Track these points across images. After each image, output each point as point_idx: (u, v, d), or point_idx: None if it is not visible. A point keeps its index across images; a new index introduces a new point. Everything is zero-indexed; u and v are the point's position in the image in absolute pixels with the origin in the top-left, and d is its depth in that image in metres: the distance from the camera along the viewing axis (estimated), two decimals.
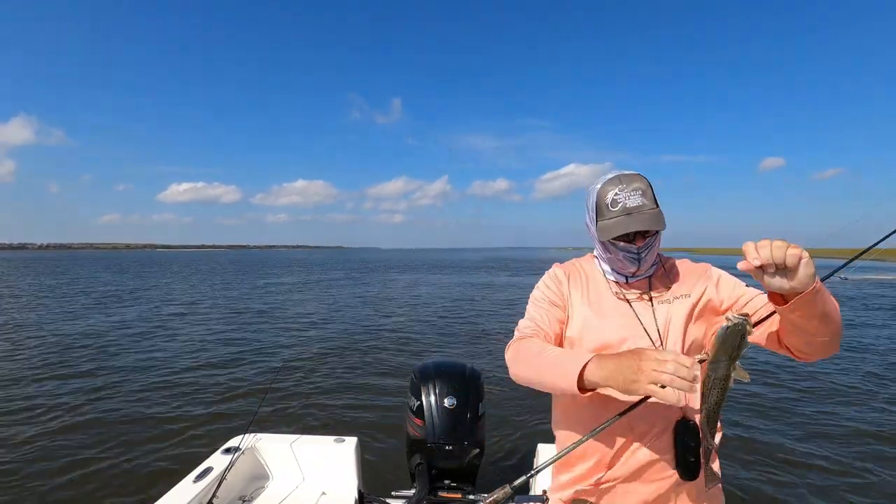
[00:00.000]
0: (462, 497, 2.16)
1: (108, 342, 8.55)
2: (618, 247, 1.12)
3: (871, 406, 5.21)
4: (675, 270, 1.22)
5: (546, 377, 1.00)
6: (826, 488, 3.47)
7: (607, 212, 1.10)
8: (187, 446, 4.13)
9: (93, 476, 3.62)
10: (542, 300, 1.22)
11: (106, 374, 6.42)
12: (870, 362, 7.12)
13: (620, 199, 1.08)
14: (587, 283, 1.22)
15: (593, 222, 1.16)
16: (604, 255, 1.20)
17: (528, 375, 1.06)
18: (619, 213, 1.08)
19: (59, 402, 5.26)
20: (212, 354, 7.63)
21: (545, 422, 4.63)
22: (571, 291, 1.21)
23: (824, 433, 4.45)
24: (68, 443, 4.20)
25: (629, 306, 1.16)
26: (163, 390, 5.70)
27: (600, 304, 1.18)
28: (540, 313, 1.19)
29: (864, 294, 16.88)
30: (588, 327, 1.15)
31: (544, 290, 1.24)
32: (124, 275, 29.83)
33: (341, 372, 6.57)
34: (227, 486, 2.00)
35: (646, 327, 1.12)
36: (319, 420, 4.79)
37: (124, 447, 4.11)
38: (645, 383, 0.81)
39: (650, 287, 1.18)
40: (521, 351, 1.09)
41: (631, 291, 1.18)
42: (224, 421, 4.71)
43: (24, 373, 6.45)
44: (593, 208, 1.14)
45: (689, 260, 1.28)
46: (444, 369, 2.35)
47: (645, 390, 0.82)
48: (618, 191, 1.09)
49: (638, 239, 1.10)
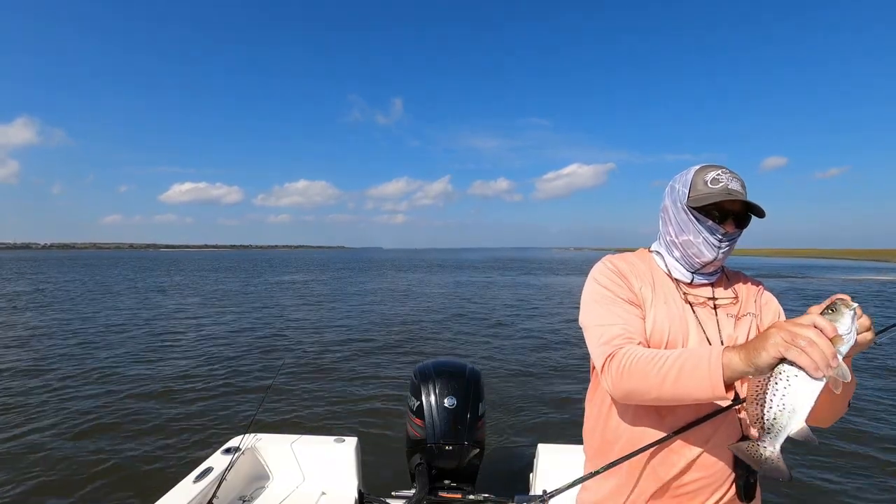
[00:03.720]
0: (462, 497, 2.16)
1: (108, 343, 8.57)
2: (703, 225, 1.02)
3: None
4: (738, 282, 1.14)
5: (677, 386, 0.84)
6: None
7: (705, 187, 1.02)
8: (187, 446, 4.14)
9: (92, 476, 3.62)
10: (615, 300, 1.04)
11: (106, 374, 6.43)
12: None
13: (722, 179, 1.01)
14: (653, 280, 1.09)
15: (684, 197, 1.05)
16: (678, 238, 1.07)
17: (648, 389, 0.89)
18: (720, 189, 1.00)
19: (59, 402, 5.28)
20: (212, 354, 7.64)
21: (545, 422, 4.66)
22: (642, 288, 1.07)
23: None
24: (68, 442, 4.20)
25: (692, 311, 1.06)
26: (163, 390, 5.71)
27: (669, 304, 1.06)
28: (623, 315, 1.02)
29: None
30: (660, 330, 1.03)
31: (614, 287, 1.06)
32: (146, 273, 29.93)
33: (342, 372, 6.57)
34: (227, 486, 2.00)
35: (709, 336, 1.03)
36: (319, 420, 4.79)
37: (124, 447, 4.11)
38: (772, 351, 0.72)
39: (713, 294, 1.09)
40: (632, 362, 0.91)
41: (694, 294, 1.08)
42: (224, 421, 4.72)
43: (20, 372, 6.47)
44: (687, 184, 1.05)
45: (743, 273, 1.19)
46: (444, 369, 2.35)
47: (773, 356, 0.72)
48: (720, 173, 1.02)
49: (727, 224, 1.02)
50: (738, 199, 0.99)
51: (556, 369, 6.59)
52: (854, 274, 32.61)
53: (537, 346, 8.25)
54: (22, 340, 8.67)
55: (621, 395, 0.96)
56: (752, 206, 1.01)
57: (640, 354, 0.92)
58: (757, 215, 1.04)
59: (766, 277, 23.96)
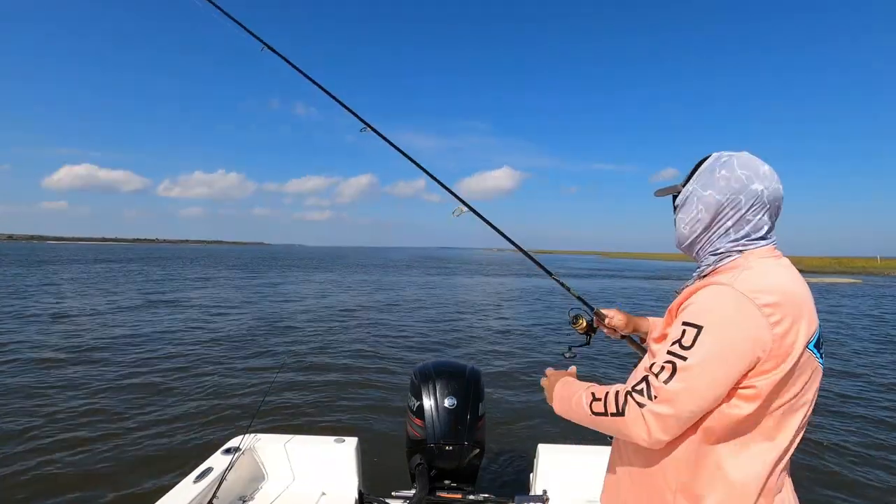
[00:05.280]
0: (462, 497, 2.16)
1: (107, 342, 8.55)
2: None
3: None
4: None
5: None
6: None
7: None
8: (187, 446, 4.14)
9: (93, 476, 3.62)
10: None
11: (105, 374, 6.42)
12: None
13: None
14: None
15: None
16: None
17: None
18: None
19: (59, 402, 5.27)
20: (212, 355, 7.63)
21: (545, 422, 4.65)
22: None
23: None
24: (67, 443, 4.20)
25: None
26: (163, 390, 5.70)
27: None
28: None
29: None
30: None
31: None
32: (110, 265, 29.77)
33: (341, 372, 6.57)
34: (227, 486, 2.00)
35: None
36: (319, 420, 4.79)
37: (124, 447, 4.11)
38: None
39: None
40: None
41: None
42: (224, 421, 4.72)
43: (19, 372, 6.45)
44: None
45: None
46: (444, 370, 2.35)
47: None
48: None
49: None
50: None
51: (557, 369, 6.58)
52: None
53: (537, 346, 8.26)
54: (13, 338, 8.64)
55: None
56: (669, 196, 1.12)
57: None
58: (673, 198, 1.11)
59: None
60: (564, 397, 1.08)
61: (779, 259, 0.95)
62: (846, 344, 9.05)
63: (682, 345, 0.86)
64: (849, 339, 9.71)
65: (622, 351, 7.09)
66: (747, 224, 0.95)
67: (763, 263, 0.92)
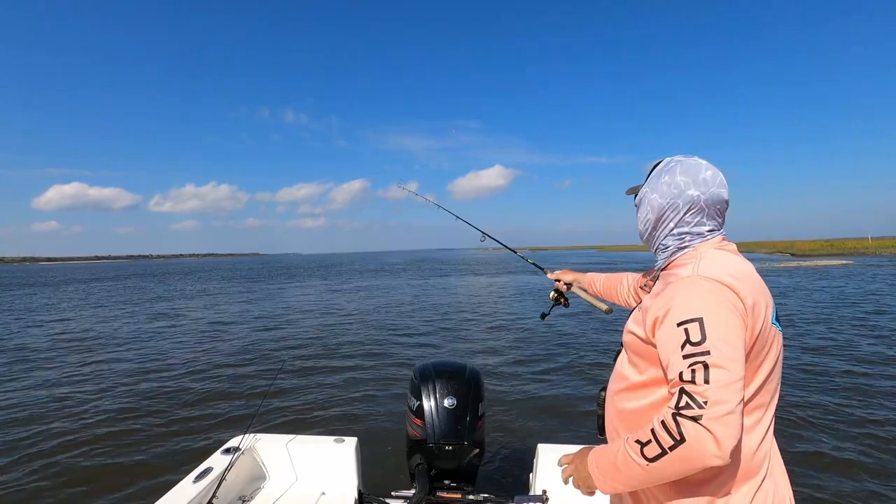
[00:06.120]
0: (462, 497, 2.16)
1: (108, 347, 8.55)
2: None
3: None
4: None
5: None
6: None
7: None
8: (187, 446, 4.14)
9: (93, 476, 3.63)
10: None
11: (104, 374, 6.42)
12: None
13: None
14: None
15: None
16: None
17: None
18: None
19: (58, 402, 5.27)
20: (211, 356, 7.64)
21: (545, 422, 4.64)
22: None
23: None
24: (67, 443, 4.20)
25: None
26: (163, 391, 5.70)
27: None
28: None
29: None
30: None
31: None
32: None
33: (341, 372, 6.57)
34: (226, 486, 1.99)
35: None
36: (319, 420, 4.78)
37: (124, 447, 4.11)
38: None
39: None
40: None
41: None
42: (224, 421, 4.72)
43: (18, 374, 6.45)
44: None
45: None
46: (443, 370, 2.35)
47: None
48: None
49: None
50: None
51: (556, 369, 6.59)
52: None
53: (537, 346, 8.26)
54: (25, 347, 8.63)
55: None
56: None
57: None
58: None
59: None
60: (606, 467, 0.95)
61: (727, 247, 1.04)
62: (815, 322, 9.03)
63: (693, 342, 0.86)
64: (825, 318, 9.71)
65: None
66: (686, 225, 1.05)
67: (714, 253, 1.01)
